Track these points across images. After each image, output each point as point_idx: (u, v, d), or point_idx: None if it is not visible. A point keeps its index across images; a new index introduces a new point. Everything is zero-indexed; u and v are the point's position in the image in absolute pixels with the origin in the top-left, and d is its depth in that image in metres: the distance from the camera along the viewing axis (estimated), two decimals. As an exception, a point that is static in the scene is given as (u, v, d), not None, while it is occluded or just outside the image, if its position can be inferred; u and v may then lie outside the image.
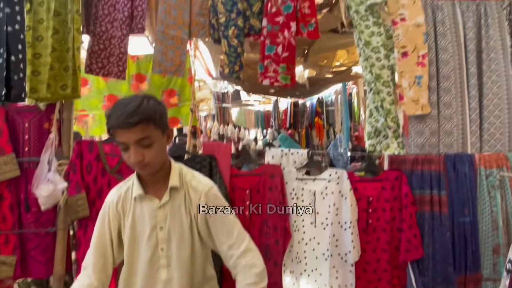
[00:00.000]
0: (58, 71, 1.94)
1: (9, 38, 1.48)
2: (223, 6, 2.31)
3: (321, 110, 7.26)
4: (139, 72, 3.56)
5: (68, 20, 1.96)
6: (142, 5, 2.27)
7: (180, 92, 3.77)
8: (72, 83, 1.94)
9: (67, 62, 1.94)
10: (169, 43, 2.27)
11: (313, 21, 2.38)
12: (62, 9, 1.98)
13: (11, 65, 1.50)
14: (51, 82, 1.93)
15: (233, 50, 2.30)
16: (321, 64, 6.66)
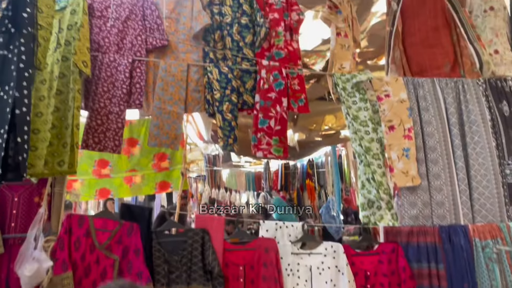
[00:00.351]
0: (57, 148, 1.97)
1: (16, 120, 1.53)
2: (218, 83, 2.45)
3: (312, 172, 7.35)
4: (131, 137, 3.62)
5: (69, 98, 2.04)
6: (141, 82, 2.39)
7: (171, 156, 3.81)
8: (69, 159, 1.96)
9: (65, 139, 1.97)
10: (165, 117, 2.35)
11: (302, 96, 2.51)
12: (64, 88, 2.07)
13: (18, 146, 1.53)
14: (49, 158, 1.95)
15: (227, 124, 2.39)
16: (311, 128, 6.87)
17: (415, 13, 2.62)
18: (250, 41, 2.62)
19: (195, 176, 9.68)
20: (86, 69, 2.08)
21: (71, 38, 2.13)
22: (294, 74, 2.58)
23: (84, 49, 2.09)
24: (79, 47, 2.05)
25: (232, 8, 2.67)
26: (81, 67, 2.03)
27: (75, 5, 2.22)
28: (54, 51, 2.18)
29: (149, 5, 2.58)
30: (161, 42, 2.51)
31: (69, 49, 2.11)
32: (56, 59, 2.12)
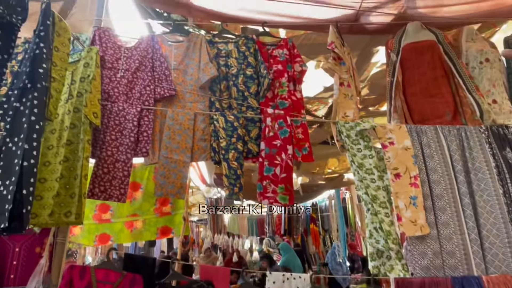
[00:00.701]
0: (64, 198, 1.97)
1: (23, 172, 1.53)
2: (224, 131, 2.49)
3: (316, 216, 7.23)
4: (134, 180, 3.61)
5: (79, 149, 2.06)
6: (148, 131, 2.43)
7: (174, 201, 3.77)
8: (76, 210, 1.95)
9: (73, 189, 1.97)
10: (172, 166, 2.36)
11: (306, 145, 2.54)
12: (75, 139, 2.10)
13: (22, 198, 1.52)
14: (56, 209, 1.93)
15: (233, 172, 2.39)
16: (314, 171, 6.88)
17: (414, 64, 2.71)
18: (255, 91, 2.70)
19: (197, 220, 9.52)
20: (97, 120, 2.13)
21: (83, 90, 2.20)
22: (297, 123, 2.62)
23: (95, 100, 2.16)
24: (91, 99, 2.11)
25: (238, 60, 2.78)
26: (92, 118, 2.07)
27: (88, 59, 2.32)
28: (65, 102, 2.24)
29: (158, 57, 2.69)
30: (169, 92, 2.59)
31: (81, 100, 2.18)
32: (67, 110, 2.18)
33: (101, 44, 2.62)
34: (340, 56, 2.67)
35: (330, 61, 2.62)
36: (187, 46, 2.80)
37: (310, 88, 4.05)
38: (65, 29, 2.02)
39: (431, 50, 2.72)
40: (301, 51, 2.91)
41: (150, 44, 2.72)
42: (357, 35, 3.09)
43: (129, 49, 2.70)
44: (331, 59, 2.65)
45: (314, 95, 4.24)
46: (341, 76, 2.66)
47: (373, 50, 3.38)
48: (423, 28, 2.83)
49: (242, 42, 2.85)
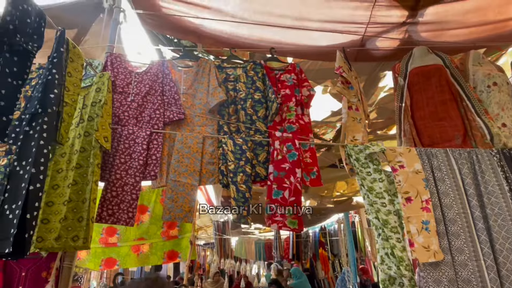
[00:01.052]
0: (72, 222, 1.95)
1: (29, 196, 1.52)
2: (233, 154, 2.48)
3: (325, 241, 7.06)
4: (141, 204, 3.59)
5: (88, 172, 2.07)
6: (157, 154, 2.43)
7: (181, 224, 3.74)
8: (84, 234, 1.92)
9: (81, 213, 1.96)
10: (180, 190, 2.35)
11: (315, 169, 2.52)
12: (84, 162, 2.11)
13: (26, 222, 1.50)
14: (63, 232, 1.91)
15: (241, 196, 2.36)
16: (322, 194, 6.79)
17: (422, 88, 2.71)
18: (263, 115, 2.70)
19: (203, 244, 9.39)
20: (107, 144, 2.14)
21: (94, 114, 2.22)
22: (305, 147, 2.61)
23: (106, 125, 2.17)
24: (102, 123, 2.12)
25: (246, 84, 2.81)
26: (102, 142, 2.08)
27: (100, 84, 2.36)
28: (76, 126, 2.26)
29: (168, 82, 2.73)
30: (178, 116, 2.61)
31: (92, 124, 2.20)
32: (78, 134, 2.20)
33: (113, 69, 2.67)
34: (348, 80, 2.69)
35: (339, 85, 2.63)
36: (196, 71, 2.84)
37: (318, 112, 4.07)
38: (79, 55, 2.06)
39: (438, 74, 2.72)
40: (308, 76, 2.94)
41: (160, 69, 2.77)
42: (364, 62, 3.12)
43: (140, 74, 2.75)
44: (339, 83, 2.66)
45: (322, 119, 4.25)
46: (350, 99, 2.66)
47: (380, 74, 3.40)
48: (430, 52, 2.85)
49: (250, 67, 2.89)
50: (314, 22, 2.82)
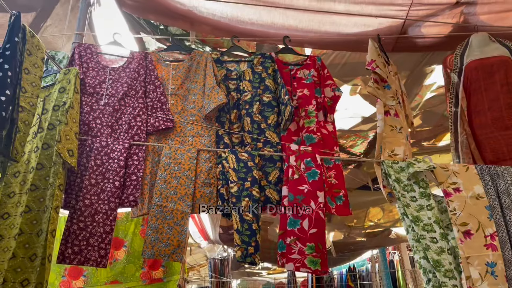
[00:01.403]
0: (21, 261, 1.91)
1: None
2: (236, 173, 2.45)
3: (354, 285, 6.93)
4: (116, 236, 3.54)
5: (46, 196, 2.05)
6: (137, 173, 2.41)
7: (166, 263, 3.69)
8: (37, 277, 1.89)
9: (34, 249, 1.93)
10: (167, 218, 2.32)
11: (341, 193, 2.48)
12: (41, 183, 2.08)
13: None
14: (9, 275, 1.88)
15: (247, 227, 2.32)
16: (350, 224, 6.72)
17: (482, 87, 2.67)
18: (274, 122, 2.69)
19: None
20: (72, 160, 2.12)
21: (56, 121, 2.21)
22: (330, 164, 2.57)
23: (71, 134, 2.16)
24: (66, 133, 2.11)
25: (252, 83, 2.80)
26: (66, 157, 2.06)
27: (65, 82, 2.36)
28: (33, 137, 2.25)
29: (152, 80, 2.73)
30: (164, 124, 2.59)
31: (53, 134, 2.19)
32: (35, 147, 2.19)
33: (82, 64, 2.67)
34: (384, 78, 2.66)
35: (371, 84, 2.61)
36: (188, 66, 2.84)
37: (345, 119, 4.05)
38: (38, 47, 2.07)
39: (504, 68, 2.69)
40: (332, 72, 2.93)
41: (143, 64, 2.77)
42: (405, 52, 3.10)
43: (116, 70, 2.75)
44: (371, 81, 2.64)
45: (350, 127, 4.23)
46: (386, 103, 2.63)
47: (426, 69, 3.38)
48: (492, 40, 2.82)
49: (258, 61, 2.89)
50: (339, 3, 2.81)
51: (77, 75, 2.36)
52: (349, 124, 4.17)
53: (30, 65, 2.00)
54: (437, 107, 3.70)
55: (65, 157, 2.06)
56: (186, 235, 2.41)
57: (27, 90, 1.96)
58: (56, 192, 2.03)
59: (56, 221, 2.02)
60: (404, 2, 2.72)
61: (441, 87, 3.44)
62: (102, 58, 2.79)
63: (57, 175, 2.08)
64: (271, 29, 3.07)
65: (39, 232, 1.98)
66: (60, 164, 2.10)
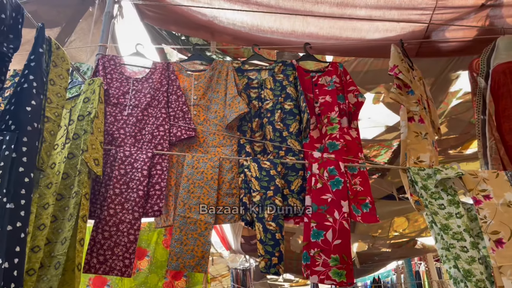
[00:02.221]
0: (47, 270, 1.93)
1: (6, 239, 1.52)
2: (258, 182, 2.44)
3: (380, 298, 6.81)
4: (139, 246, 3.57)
5: (70, 204, 2.07)
6: (161, 183, 2.42)
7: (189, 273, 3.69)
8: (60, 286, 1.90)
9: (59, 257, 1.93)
10: (191, 229, 2.32)
11: (367, 200, 2.45)
12: (67, 192, 2.10)
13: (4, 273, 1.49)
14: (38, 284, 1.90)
15: (270, 237, 2.30)
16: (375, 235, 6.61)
17: (511, 91, 2.62)
18: (296, 130, 2.68)
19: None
20: (97, 169, 2.15)
21: (81, 131, 2.25)
22: (354, 171, 2.55)
23: (97, 144, 2.19)
24: (91, 142, 2.14)
25: (274, 91, 2.80)
26: (92, 166, 2.09)
27: (89, 93, 2.40)
28: (62, 148, 2.29)
29: (174, 90, 2.75)
30: (187, 133, 2.61)
31: (77, 143, 2.22)
32: (63, 157, 2.22)
33: (106, 75, 2.72)
34: (407, 83, 2.63)
35: (393, 90, 2.58)
36: (210, 76, 2.87)
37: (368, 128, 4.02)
38: (64, 58, 2.11)
39: (533, 72, 2.62)
40: (355, 80, 2.91)
41: (165, 74, 2.80)
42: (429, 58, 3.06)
43: (139, 80, 2.79)
44: (394, 87, 2.61)
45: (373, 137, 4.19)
46: (409, 108, 2.60)
47: (452, 76, 3.33)
48: (520, 43, 2.77)
49: (279, 69, 2.89)
50: (360, 9, 2.80)
51: (101, 85, 2.39)
52: (372, 134, 4.14)
53: (56, 76, 2.04)
54: (464, 114, 3.63)
55: (91, 166, 2.09)
56: (210, 246, 2.40)
57: (52, 100, 2.00)
58: (83, 201, 2.06)
59: (84, 230, 2.05)
60: (427, 6, 2.69)
61: (467, 93, 3.38)
62: (125, 69, 2.84)
63: (82, 184, 2.10)
64: (292, 37, 3.08)
65: (63, 240, 2.00)
66: (85, 173, 2.13)
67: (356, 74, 3.38)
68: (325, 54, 3.34)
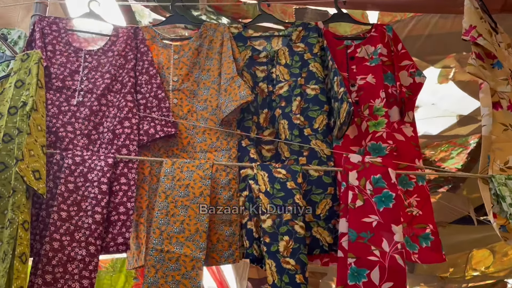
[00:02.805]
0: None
1: None
2: (269, 199, 2.45)
3: None
4: None
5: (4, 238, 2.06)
6: (127, 203, 2.45)
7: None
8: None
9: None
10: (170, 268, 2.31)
11: (429, 229, 2.49)
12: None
13: None
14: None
15: (288, 280, 2.32)
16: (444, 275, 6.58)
17: None
18: (324, 126, 2.70)
19: None
20: (39, 184, 2.17)
21: (14, 130, 2.28)
22: (409, 187, 2.58)
23: (37, 149, 2.22)
24: (29, 146, 2.17)
25: (291, 68, 2.83)
26: (30, 181, 2.11)
27: (23, 73, 2.42)
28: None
29: (145, 68, 2.79)
30: (164, 131, 2.65)
31: (10, 148, 2.25)
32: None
33: (45, 46, 2.75)
34: (491, 52, 2.62)
35: (471, 61, 2.55)
36: (197, 47, 2.90)
37: (432, 119, 3.99)
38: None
39: None
40: (410, 49, 2.91)
41: (132, 45, 2.85)
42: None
43: (93, 54, 2.83)
44: (473, 57, 2.60)
45: (440, 131, 4.17)
46: (496, 88, 2.59)
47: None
48: None
49: (298, 35, 2.91)
50: None
51: (39, 62, 2.41)
52: (438, 127, 4.13)
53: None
54: None
55: (29, 182, 2.11)
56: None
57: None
58: (20, 232, 2.08)
59: (24, 275, 2.07)
60: None
61: None
62: (74, 38, 2.87)
63: (18, 208, 2.12)
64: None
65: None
66: (23, 192, 2.14)
67: (412, 41, 3.39)
68: (367, 9, 3.34)
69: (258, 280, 6.11)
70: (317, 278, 5.43)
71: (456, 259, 6.00)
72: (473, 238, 5.29)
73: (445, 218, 4.78)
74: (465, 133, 4.15)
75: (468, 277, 6.26)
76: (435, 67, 3.58)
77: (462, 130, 4.09)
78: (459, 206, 4.69)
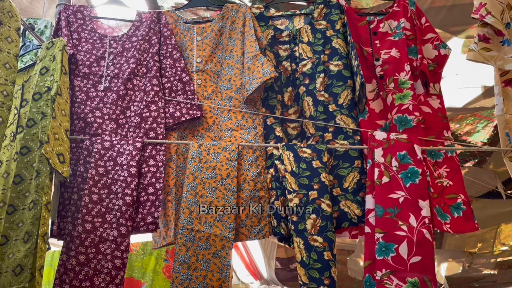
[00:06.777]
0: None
1: None
2: (295, 179, 2.45)
3: None
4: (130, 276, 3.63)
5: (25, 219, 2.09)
6: (156, 184, 2.46)
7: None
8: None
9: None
10: (201, 247, 2.35)
11: (460, 199, 2.44)
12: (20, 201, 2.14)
13: None
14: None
15: (316, 257, 2.32)
16: (472, 250, 6.54)
17: None
18: (349, 101, 2.67)
19: None
20: (63, 167, 2.19)
21: (38, 115, 2.28)
22: (438, 158, 2.55)
23: (61, 132, 2.23)
24: (54, 130, 2.18)
25: (313, 46, 2.80)
26: (55, 163, 2.12)
27: (47, 61, 2.42)
28: (12, 139, 2.34)
29: (169, 52, 2.78)
30: (190, 113, 2.65)
31: (34, 132, 2.25)
32: (14, 153, 2.27)
33: (71, 33, 2.77)
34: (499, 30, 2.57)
35: (472, 46, 2.52)
36: (219, 29, 2.88)
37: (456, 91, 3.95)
38: (11, 13, 2.13)
39: None
40: (433, 21, 2.86)
41: (155, 29, 2.84)
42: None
43: (118, 39, 2.83)
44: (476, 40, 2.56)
45: (465, 104, 4.12)
46: (503, 67, 2.54)
47: None
48: None
49: (320, 12, 2.88)
50: None
51: (63, 49, 2.41)
52: (463, 99, 4.07)
53: (1, 39, 2.07)
54: None
55: (54, 164, 2.12)
56: (230, 271, 2.43)
57: None
58: (43, 213, 2.09)
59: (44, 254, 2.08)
60: None
61: None
62: (99, 25, 2.88)
63: (42, 189, 2.14)
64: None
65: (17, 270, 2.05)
66: (46, 174, 2.16)
67: (435, 13, 3.32)
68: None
69: (286, 259, 6.12)
70: (345, 256, 5.41)
71: (484, 234, 5.99)
72: (501, 212, 5.25)
73: (472, 193, 4.74)
74: (489, 105, 4.08)
75: (496, 252, 6.24)
76: (458, 38, 3.52)
77: (487, 102, 4.03)
78: (486, 180, 4.64)
